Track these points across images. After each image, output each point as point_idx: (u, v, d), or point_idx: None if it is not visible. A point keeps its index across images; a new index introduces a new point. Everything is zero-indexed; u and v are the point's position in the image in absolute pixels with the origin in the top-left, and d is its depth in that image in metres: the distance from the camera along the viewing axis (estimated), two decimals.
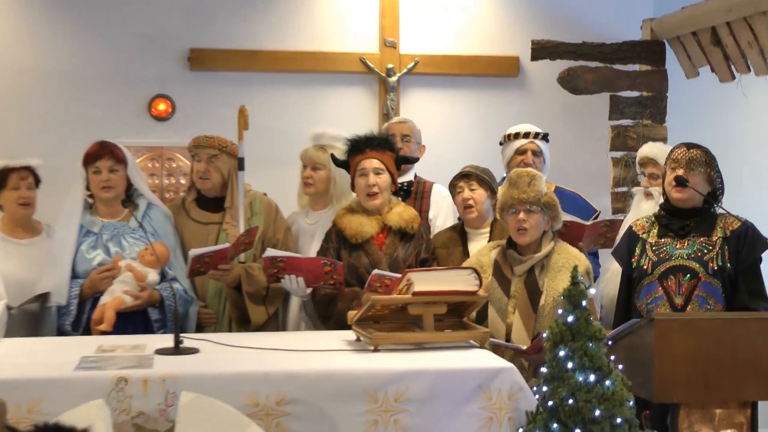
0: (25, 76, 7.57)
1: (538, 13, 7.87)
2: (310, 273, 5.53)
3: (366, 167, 5.69)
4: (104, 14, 7.58)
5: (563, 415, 3.89)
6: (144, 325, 5.60)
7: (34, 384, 4.29)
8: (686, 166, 5.40)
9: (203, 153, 6.03)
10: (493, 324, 5.25)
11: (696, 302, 5.29)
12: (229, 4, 7.69)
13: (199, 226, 5.99)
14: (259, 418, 4.31)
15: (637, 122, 7.77)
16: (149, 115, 7.66)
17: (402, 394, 4.45)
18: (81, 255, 5.67)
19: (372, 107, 7.71)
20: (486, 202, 5.93)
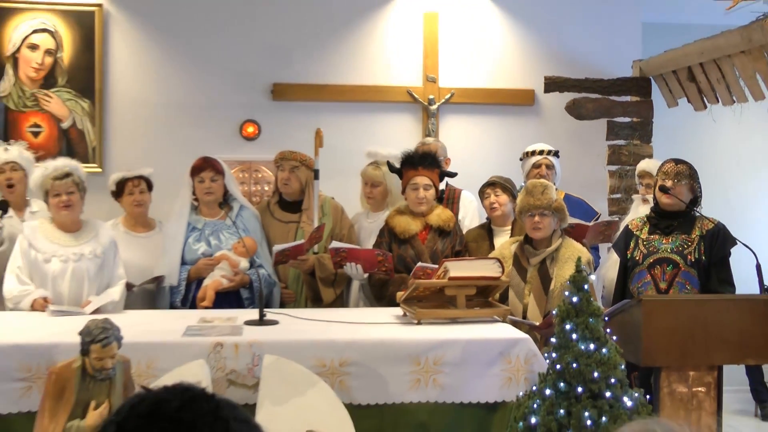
0: (145, 105, 7.62)
1: (549, 54, 7.84)
2: (367, 261, 5.57)
3: (418, 183, 5.70)
4: (205, 55, 7.62)
5: (568, 376, 3.89)
6: (237, 302, 5.64)
7: (152, 346, 4.40)
8: (674, 177, 5.43)
9: (287, 164, 6.09)
10: (513, 303, 5.26)
11: (677, 287, 5.30)
12: (303, 47, 7.70)
13: (281, 224, 6.04)
14: (325, 376, 4.37)
15: (628, 142, 7.75)
16: (240, 136, 7.69)
17: (440, 358, 4.50)
18: (188, 246, 5.74)
19: (416, 130, 7.71)
20: (508, 205, 5.95)
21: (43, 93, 7.50)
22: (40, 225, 5.41)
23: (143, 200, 6.10)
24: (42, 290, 5.22)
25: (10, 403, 4.27)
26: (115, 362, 3.82)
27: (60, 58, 7.51)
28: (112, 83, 7.62)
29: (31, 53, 7.48)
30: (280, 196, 6.18)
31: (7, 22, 7.45)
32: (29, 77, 7.48)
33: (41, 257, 5.28)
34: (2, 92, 7.44)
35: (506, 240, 5.69)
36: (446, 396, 4.50)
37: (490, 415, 4.52)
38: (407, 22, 7.84)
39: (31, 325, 4.83)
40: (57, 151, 7.28)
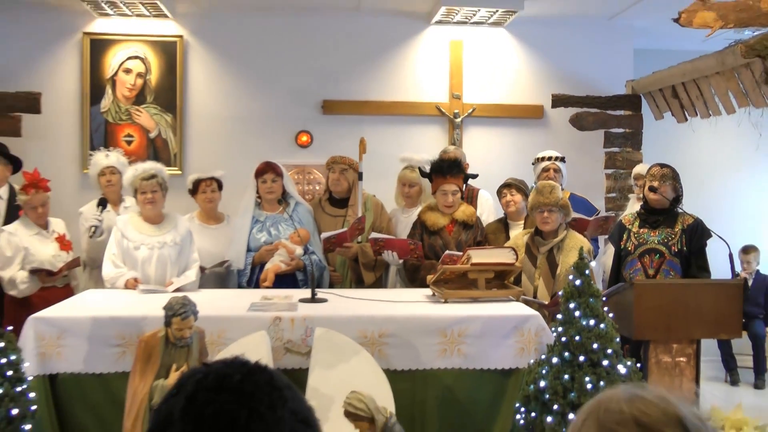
0: (217, 118, 7.65)
1: (556, 75, 7.79)
2: (401, 249, 5.55)
3: (446, 189, 5.66)
4: (267, 77, 7.64)
5: (572, 347, 3.87)
6: (293, 283, 5.61)
7: (221, 319, 4.41)
8: (659, 179, 5.37)
9: (337, 167, 6.07)
10: (525, 285, 5.22)
11: (662, 273, 5.25)
12: (348, 69, 7.69)
13: (330, 218, 6.02)
14: (367, 345, 4.36)
15: (622, 150, 7.72)
16: (296, 144, 7.69)
17: (463, 331, 4.47)
18: (252, 236, 5.72)
19: (443, 139, 7.68)
20: (521, 203, 5.91)
21: (135, 108, 7.55)
22: (131, 218, 5.44)
23: (214, 198, 6.12)
24: (133, 272, 5.26)
25: (109, 364, 4.33)
26: (192, 332, 3.83)
27: (149, 80, 7.56)
28: (190, 100, 7.66)
29: (126, 76, 7.55)
30: (330, 194, 6.15)
31: (107, 52, 7.53)
32: (124, 96, 7.54)
33: (132, 245, 5.32)
34: (103, 108, 7.52)
35: (519, 232, 5.65)
36: (468, 363, 4.47)
37: (505, 379, 4.48)
38: (436, 49, 7.81)
39: (124, 301, 4.87)
40: (146, 156, 7.33)
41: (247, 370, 1.21)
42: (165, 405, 1.20)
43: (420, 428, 4.44)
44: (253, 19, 7.61)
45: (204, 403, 1.15)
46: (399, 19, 7.72)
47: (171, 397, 1.20)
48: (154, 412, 1.22)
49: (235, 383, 1.18)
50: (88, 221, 5.96)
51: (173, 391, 1.21)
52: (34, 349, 4.24)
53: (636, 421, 1.16)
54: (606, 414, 1.20)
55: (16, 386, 3.60)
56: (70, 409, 4.30)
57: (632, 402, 1.20)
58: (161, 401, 1.22)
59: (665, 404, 1.19)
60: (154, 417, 1.21)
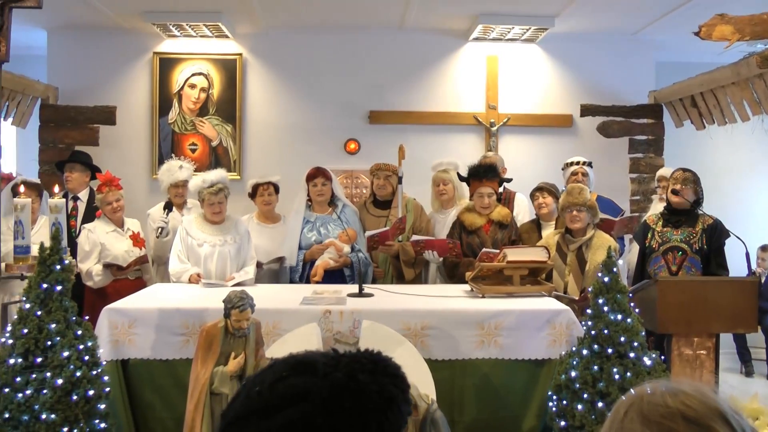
0: (273, 128, 7.66)
1: (584, 87, 7.70)
2: (440, 248, 5.49)
3: (483, 192, 5.61)
4: (318, 90, 7.63)
5: (601, 340, 3.80)
6: (341, 278, 5.58)
7: (276, 312, 4.38)
8: (681, 182, 5.28)
9: (381, 174, 6.03)
10: (556, 281, 5.13)
11: (684, 270, 5.14)
12: (393, 83, 7.66)
13: (374, 218, 5.97)
14: (410, 337, 4.31)
15: (645, 155, 7.66)
16: (345, 151, 7.67)
17: (499, 324, 4.41)
18: (303, 235, 5.70)
19: (480, 147, 7.61)
20: (552, 205, 5.82)
21: (198, 120, 7.58)
22: (195, 218, 5.47)
23: (271, 200, 6.08)
24: (196, 268, 5.28)
25: (174, 351, 4.34)
26: (249, 323, 3.81)
27: (211, 93, 7.59)
28: (249, 112, 7.68)
29: (191, 91, 7.59)
30: (374, 197, 6.12)
31: (174, 69, 7.59)
32: (189, 108, 7.57)
33: (195, 243, 5.34)
34: (171, 120, 7.56)
35: (551, 232, 5.56)
36: (504, 353, 4.40)
37: (538, 369, 4.40)
38: (474, 63, 7.75)
39: (188, 294, 4.88)
40: (208, 163, 7.38)
41: (387, 359, 1.28)
42: (297, 380, 1.20)
43: (459, 414, 4.38)
44: (305, 37, 7.61)
45: (368, 382, 1.20)
46: (439, 36, 7.66)
47: (305, 375, 1.21)
48: (281, 386, 1.20)
49: (391, 368, 1.25)
50: (156, 222, 6.01)
51: (306, 370, 1.22)
52: (108, 336, 4.27)
53: (682, 415, 1.10)
54: (650, 407, 1.14)
55: (92, 370, 3.61)
56: (140, 392, 4.33)
57: (676, 396, 1.14)
58: (285, 378, 1.21)
59: (707, 399, 1.14)
60: (282, 390, 1.19)
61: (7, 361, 3.46)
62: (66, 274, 3.64)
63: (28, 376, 3.44)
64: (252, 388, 1.22)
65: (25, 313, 3.54)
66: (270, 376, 1.23)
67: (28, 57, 7.41)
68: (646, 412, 1.13)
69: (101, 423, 3.58)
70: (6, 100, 6.64)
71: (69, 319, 3.60)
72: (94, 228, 5.73)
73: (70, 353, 3.49)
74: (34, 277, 3.59)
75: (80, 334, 3.61)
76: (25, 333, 3.48)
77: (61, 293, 3.59)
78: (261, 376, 1.24)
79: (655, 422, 1.11)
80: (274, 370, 1.24)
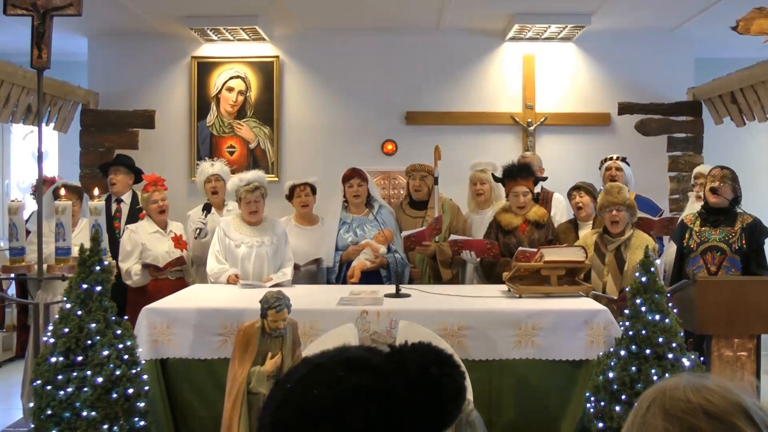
0: (310, 129, 7.71)
1: (622, 84, 7.63)
2: (478, 248, 5.48)
3: (518, 191, 5.58)
4: (355, 91, 7.66)
5: (639, 341, 3.76)
6: (377, 279, 5.58)
7: (313, 312, 4.38)
8: (720, 180, 5.20)
9: (417, 174, 6.03)
10: (594, 282, 5.08)
11: (724, 270, 5.06)
12: (429, 84, 7.66)
13: (410, 219, 5.97)
14: (447, 337, 4.29)
15: (684, 153, 7.58)
16: (382, 152, 7.69)
17: (536, 324, 4.37)
18: (340, 236, 5.72)
19: (517, 147, 7.57)
20: (590, 204, 5.77)
21: (236, 122, 7.66)
22: (233, 219, 5.52)
23: (308, 202, 6.10)
24: (234, 269, 5.31)
25: (212, 351, 4.36)
26: (285, 324, 3.83)
27: (248, 96, 7.66)
28: (286, 114, 7.73)
29: (229, 94, 7.67)
30: (410, 198, 6.12)
31: (212, 72, 7.69)
32: (227, 111, 7.66)
33: (233, 243, 5.38)
34: (209, 123, 7.66)
35: (589, 231, 5.51)
36: (541, 354, 4.36)
37: (576, 369, 4.35)
38: (510, 63, 7.73)
39: (226, 295, 4.91)
40: (246, 165, 7.44)
41: (443, 350, 1.34)
42: (358, 379, 1.21)
43: (496, 414, 4.36)
44: (341, 39, 7.65)
45: (439, 374, 1.26)
46: (476, 36, 7.65)
47: (363, 373, 1.23)
48: (342, 387, 1.21)
49: (452, 359, 1.31)
50: (195, 224, 6.07)
51: (361, 367, 1.25)
52: (147, 336, 4.32)
53: (704, 411, 1.09)
54: (672, 402, 1.13)
55: (131, 368, 3.66)
56: (178, 390, 4.37)
57: (698, 391, 1.13)
58: (344, 378, 1.22)
59: (729, 394, 1.12)
60: (346, 390, 1.20)
61: (49, 360, 3.54)
62: (105, 275, 3.70)
63: (69, 374, 3.51)
64: (305, 391, 1.21)
65: (66, 313, 3.61)
66: (324, 377, 1.22)
67: (69, 63, 7.55)
68: (668, 407, 1.12)
69: (140, 420, 3.63)
70: (48, 106, 6.77)
71: (108, 319, 3.66)
72: (137, 228, 5.87)
73: (109, 352, 3.55)
74: (74, 278, 3.66)
75: (120, 334, 3.67)
76: (66, 332, 3.55)
77: (101, 293, 3.65)
78: (311, 378, 1.23)
79: (677, 417, 1.10)
80: (325, 370, 1.24)
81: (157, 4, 6.63)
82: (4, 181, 9.17)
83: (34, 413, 3.53)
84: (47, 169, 8.74)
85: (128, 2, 6.53)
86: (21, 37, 4.42)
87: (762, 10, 5.08)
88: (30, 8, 4.19)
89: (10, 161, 9.29)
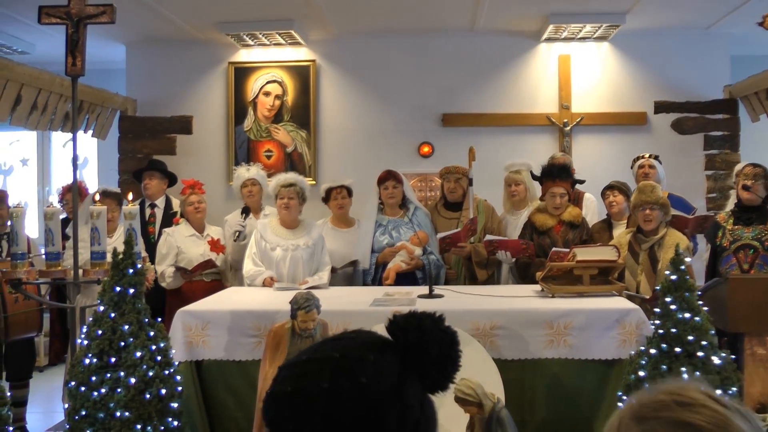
0: (346, 132, 7.76)
1: (658, 83, 7.55)
2: (513, 249, 5.47)
3: (555, 192, 5.55)
4: (391, 94, 7.70)
5: (669, 339, 3.74)
6: (413, 280, 5.59)
7: (348, 313, 4.43)
8: (753, 178, 5.16)
9: (452, 177, 6.03)
10: (628, 281, 5.05)
11: (757, 268, 5.03)
12: (465, 85, 7.66)
13: (446, 220, 5.98)
14: (479, 337, 4.31)
15: (721, 152, 7.51)
16: (418, 154, 7.71)
17: (569, 323, 4.37)
18: (376, 238, 5.75)
19: (554, 147, 7.52)
20: (624, 203, 5.74)
21: (273, 126, 7.75)
22: (269, 222, 5.59)
23: (345, 204, 6.14)
24: (270, 271, 5.38)
25: (246, 353, 4.43)
26: (315, 324, 3.87)
27: (285, 100, 7.74)
28: (323, 117, 7.80)
29: (265, 98, 7.76)
30: (445, 200, 6.13)
31: (249, 77, 7.78)
32: (264, 115, 7.75)
33: (269, 246, 5.45)
34: (246, 127, 7.75)
35: (622, 231, 5.48)
36: (574, 353, 4.35)
37: (608, 369, 4.34)
38: (546, 63, 7.71)
39: (260, 297, 4.98)
40: (283, 169, 7.49)
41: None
42: (377, 355, 1.29)
43: (529, 414, 4.36)
44: (377, 42, 7.69)
45: (443, 330, 1.36)
46: (511, 37, 7.64)
47: (382, 350, 1.32)
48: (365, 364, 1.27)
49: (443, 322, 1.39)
50: (233, 227, 6.16)
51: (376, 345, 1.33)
52: (182, 338, 4.40)
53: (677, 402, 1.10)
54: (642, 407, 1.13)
55: (165, 370, 3.73)
56: (214, 391, 4.44)
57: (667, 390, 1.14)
58: (363, 359, 1.28)
59: (698, 387, 1.13)
60: (365, 368, 1.26)
61: (83, 361, 3.63)
62: (139, 278, 3.78)
63: (103, 375, 3.60)
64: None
65: (100, 315, 3.70)
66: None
67: (108, 71, 7.73)
68: (640, 413, 1.12)
69: (174, 421, 3.70)
70: (86, 113, 6.92)
71: (142, 321, 3.74)
72: (174, 232, 6.01)
73: (142, 353, 3.63)
74: (107, 281, 3.75)
75: (153, 335, 3.75)
76: (100, 334, 3.64)
77: (134, 296, 3.73)
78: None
79: (651, 418, 1.10)
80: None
81: (193, 10, 6.74)
82: (45, 188, 9.39)
83: (69, 414, 3.62)
84: (87, 175, 8.95)
85: (165, 10, 6.65)
86: (57, 45, 4.54)
87: None
88: (64, 17, 4.29)
89: (51, 168, 9.50)
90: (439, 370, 1.32)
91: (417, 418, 1.26)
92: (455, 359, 1.36)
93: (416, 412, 1.26)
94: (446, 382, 1.34)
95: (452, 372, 1.35)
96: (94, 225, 4.13)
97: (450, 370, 1.35)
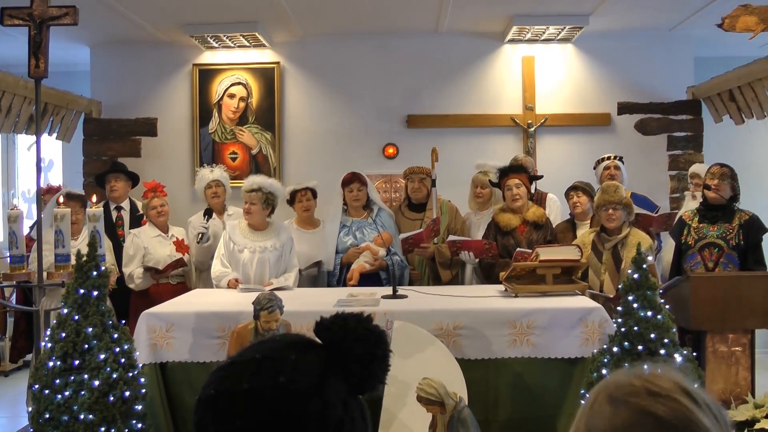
0: (311, 134, 7.74)
1: (621, 84, 7.63)
2: (476, 249, 5.51)
3: (510, 184, 5.62)
4: (355, 95, 7.70)
5: (631, 337, 3.78)
6: (377, 281, 5.63)
7: (311, 314, 4.36)
8: (718, 177, 5.25)
9: (416, 177, 6.08)
10: (592, 280, 5.12)
11: (721, 266, 5.11)
12: (430, 87, 7.68)
13: (409, 221, 6.02)
14: (442, 337, 4.34)
15: (684, 152, 7.58)
16: (383, 156, 7.72)
17: (532, 323, 4.41)
18: (340, 239, 5.77)
19: (518, 148, 7.57)
20: (587, 204, 5.81)
21: (238, 129, 7.71)
22: (238, 224, 5.58)
23: (310, 206, 6.17)
24: (235, 273, 5.37)
25: (210, 354, 4.42)
26: (278, 324, 3.88)
27: (250, 102, 7.71)
28: (287, 119, 7.78)
29: (230, 100, 7.72)
30: (409, 201, 6.16)
31: (214, 80, 7.73)
32: (228, 117, 7.71)
33: (237, 248, 5.44)
34: (211, 129, 7.71)
35: (586, 231, 5.55)
36: (537, 352, 4.40)
37: (571, 367, 4.39)
38: (510, 65, 7.74)
39: (225, 298, 4.97)
40: (249, 171, 7.48)
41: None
42: (299, 355, 1.29)
43: (493, 413, 4.39)
44: (341, 44, 7.69)
45: (368, 329, 1.36)
46: (475, 39, 7.67)
47: (305, 350, 1.31)
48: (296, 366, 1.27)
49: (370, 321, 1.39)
50: (196, 229, 6.15)
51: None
52: (146, 340, 4.38)
53: (648, 391, 1.14)
54: (617, 388, 1.18)
55: (129, 372, 3.72)
56: (178, 393, 4.42)
57: (642, 376, 1.18)
58: (291, 361, 1.27)
59: (673, 377, 1.17)
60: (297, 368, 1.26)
61: (47, 364, 3.60)
62: (103, 280, 3.76)
63: (67, 378, 3.57)
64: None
65: (63, 318, 3.68)
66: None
67: (72, 73, 7.66)
68: (613, 393, 1.16)
69: (138, 423, 3.68)
70: (50, 116, 6.86)
71: (106, 323, 3.72)
72: (140, 233, 6.01)
73: (106, 356, 3.61)
74: (71, 283, 3.72)
75: (117, 338, 3.73)
76: (64, 337, 3.61)
77: (98, 298, 3.71)
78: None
79: (622, 401, 1.14)
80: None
81: (157, 12, 6.70)
82: (10, 191, 9.28)
83: (33, 417, 3.59)
84: (52, 178, 8.86)
85: (129, 11, 6.60)
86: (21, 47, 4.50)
87: (747, 7, 5.10)
88: (26, 18, 4.26)
89: (16, 171, 9.39)
90: (364, 369, 1.30)
91: (340, 418, 1.25)
92: (382, 358, 1.33)
93: (338, 411, 1.25)
94: (374, 381, 1.32)
95: (379, 371, 1.33)
96: (58, 227, 4.10)
97: (376, 369, 1.32)
